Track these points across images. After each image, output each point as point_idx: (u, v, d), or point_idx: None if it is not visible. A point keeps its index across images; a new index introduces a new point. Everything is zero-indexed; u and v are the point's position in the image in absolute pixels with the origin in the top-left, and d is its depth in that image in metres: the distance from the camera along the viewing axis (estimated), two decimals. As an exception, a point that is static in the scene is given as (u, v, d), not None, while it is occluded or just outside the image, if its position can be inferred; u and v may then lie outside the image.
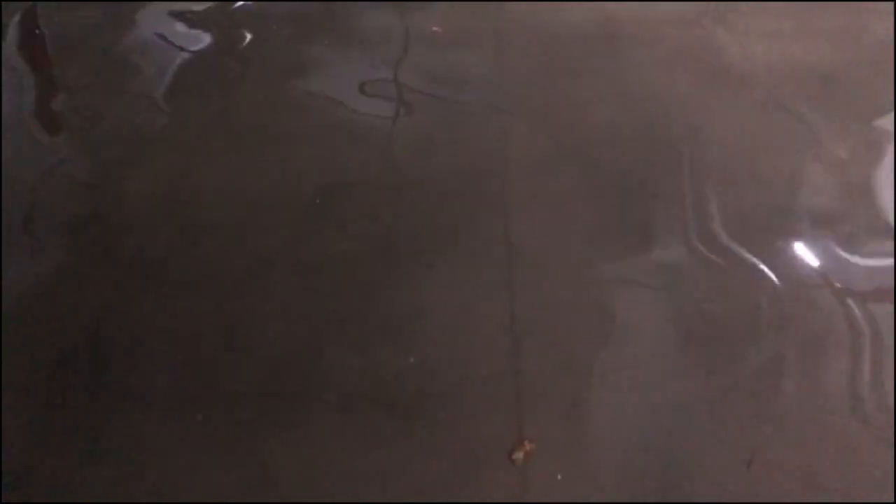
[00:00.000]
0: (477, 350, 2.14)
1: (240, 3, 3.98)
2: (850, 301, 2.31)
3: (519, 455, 1.88)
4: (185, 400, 2.01)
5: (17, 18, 3.82)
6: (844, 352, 2.15)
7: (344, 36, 3.62)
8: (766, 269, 2.40)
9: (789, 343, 2.19)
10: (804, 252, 2.51)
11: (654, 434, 1.93)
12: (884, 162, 2.93)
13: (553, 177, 2.78)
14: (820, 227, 2.61)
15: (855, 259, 2.49)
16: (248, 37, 3.67)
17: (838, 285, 2.37)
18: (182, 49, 3.62)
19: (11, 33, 3.73)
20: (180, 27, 3.82)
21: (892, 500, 1.82)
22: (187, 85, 3.36)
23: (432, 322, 2.22)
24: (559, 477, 1.82)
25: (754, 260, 2.45)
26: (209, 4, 3.95)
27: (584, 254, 2.47)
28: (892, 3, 4.18)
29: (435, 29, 3.61)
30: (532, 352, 2.13)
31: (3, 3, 3.92)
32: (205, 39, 3.70)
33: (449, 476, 1.83)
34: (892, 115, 3.22)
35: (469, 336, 2.18)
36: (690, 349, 2.16)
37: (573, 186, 2.74)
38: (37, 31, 3.79)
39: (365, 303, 2.28)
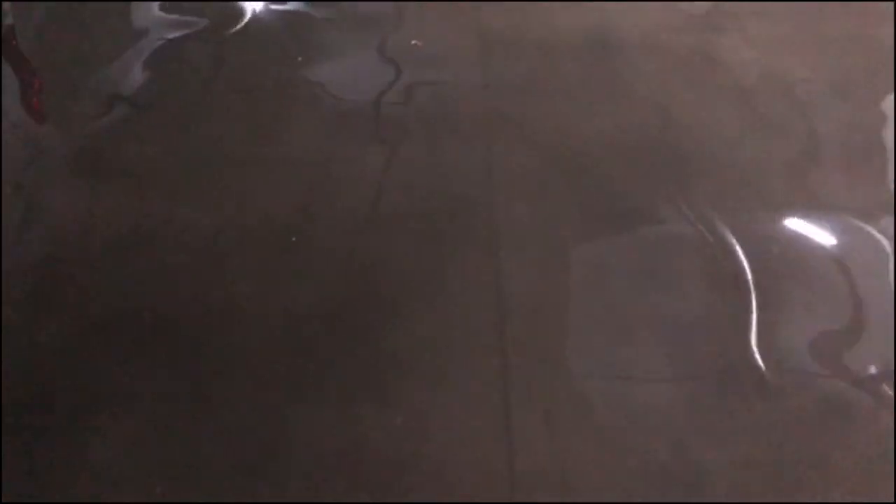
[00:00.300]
0: (466, 411, 1.96)
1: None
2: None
3: (514, 535, 1.72)
4: (144, 469, 1.83)
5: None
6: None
7: (324, 51, 3.42)
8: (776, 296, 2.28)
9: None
10: (808, 270, 2.41)
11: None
12: (888, 175, 2.80)
13: (546, 204, 2.59)
14: (825, 243, 2.50)
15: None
16: (228, 54, 3.44)
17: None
18: (159, 38, 3.44)
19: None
20: (159, 19, 3.64)
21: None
22: (159, 94, 3.17)
23: (417, 379, 2.04)
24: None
25: (764, 285, 2.32)
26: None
27: (581, 300, 2.28)
28: (892, 4, 4.04)
29: (415, 42, 3.40)
30: (526, 417, 1.95)
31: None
32: (183, 37, 3.49)
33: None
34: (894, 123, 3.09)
35: (458, 394, 2.00)
36: (703, 408, 1.99)
37: (568, 214, 2.56)
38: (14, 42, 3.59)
39: (343, 356, 2.10)
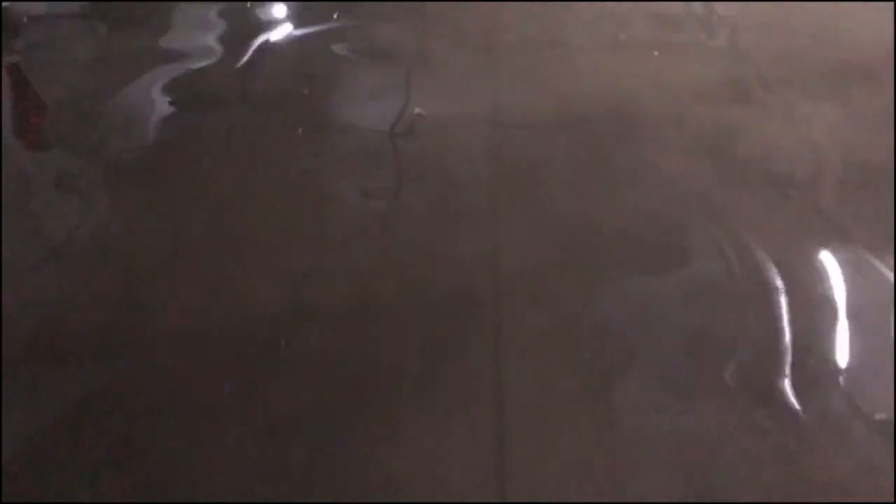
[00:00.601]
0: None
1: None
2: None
3: None
4: None
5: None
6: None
7: (321, 125, 3.19)
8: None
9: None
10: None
11: None
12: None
13: (554, 301, 2.31)
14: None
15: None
16: (221, 122, 3.27)
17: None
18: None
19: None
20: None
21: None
22: (157, 165, 3.00)
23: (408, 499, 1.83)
24: None
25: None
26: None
27: (588, 415, 2.03)
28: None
29: (418, 111, 3.22)
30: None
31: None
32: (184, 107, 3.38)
33: None
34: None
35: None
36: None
37: (578, 314, 2.27)
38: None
39: (327, 475, 1.88)
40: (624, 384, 2.10)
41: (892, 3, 4.11)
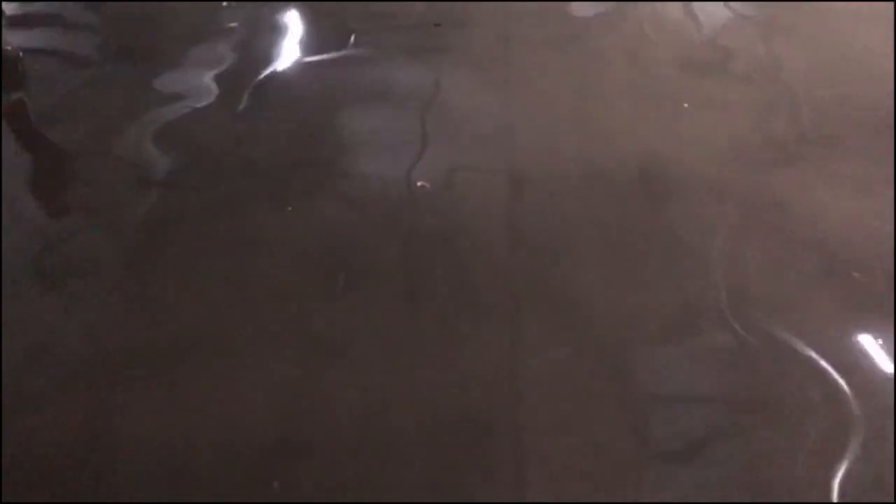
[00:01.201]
0: None
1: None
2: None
3: None
4: None
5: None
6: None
7: (316, 198, 2.84)
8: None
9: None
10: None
11: None
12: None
13: (585, 417, 2.01)
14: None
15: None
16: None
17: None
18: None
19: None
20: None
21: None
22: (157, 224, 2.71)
23: None
24: None
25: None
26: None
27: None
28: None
29: (421, 184, 2.94)
30: None
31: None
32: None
33: None
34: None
35: None
36: None
37: (613, 435, 1.96)
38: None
39: None
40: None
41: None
